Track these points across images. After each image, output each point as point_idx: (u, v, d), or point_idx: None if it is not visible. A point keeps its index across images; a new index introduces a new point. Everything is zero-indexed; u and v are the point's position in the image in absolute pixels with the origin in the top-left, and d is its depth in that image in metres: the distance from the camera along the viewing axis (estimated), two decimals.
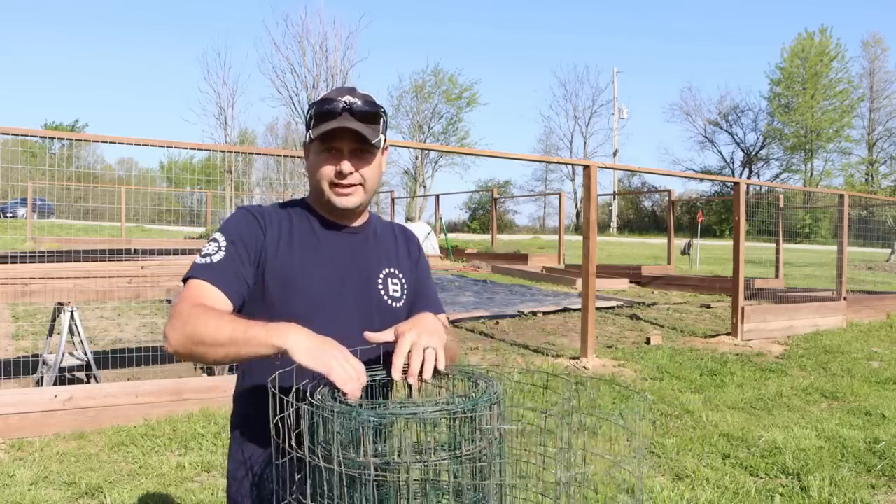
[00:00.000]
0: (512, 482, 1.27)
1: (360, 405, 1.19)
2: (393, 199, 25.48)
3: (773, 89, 49.78)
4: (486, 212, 46.24)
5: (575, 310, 9.50)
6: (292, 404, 1.20)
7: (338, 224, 1.63)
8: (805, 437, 4.88)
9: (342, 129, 1.51)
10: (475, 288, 12.40)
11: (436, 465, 1.18)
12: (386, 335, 1.41)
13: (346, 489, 1.15)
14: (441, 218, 21.40)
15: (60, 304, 5.56)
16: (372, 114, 1.54)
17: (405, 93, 49.20)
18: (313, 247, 1.58)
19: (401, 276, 1.69)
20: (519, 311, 9.35)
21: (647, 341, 7.97)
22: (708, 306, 10.90)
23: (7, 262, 9.03)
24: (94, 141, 5.77)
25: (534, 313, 9.34)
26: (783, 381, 6.60)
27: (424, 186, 48.47)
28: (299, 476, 1.24)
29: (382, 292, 1.63)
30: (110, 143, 5.25)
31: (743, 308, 8.43)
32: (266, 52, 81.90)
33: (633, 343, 7.97)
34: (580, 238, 7.57)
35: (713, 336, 8.52)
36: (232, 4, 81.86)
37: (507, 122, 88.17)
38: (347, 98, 1.53)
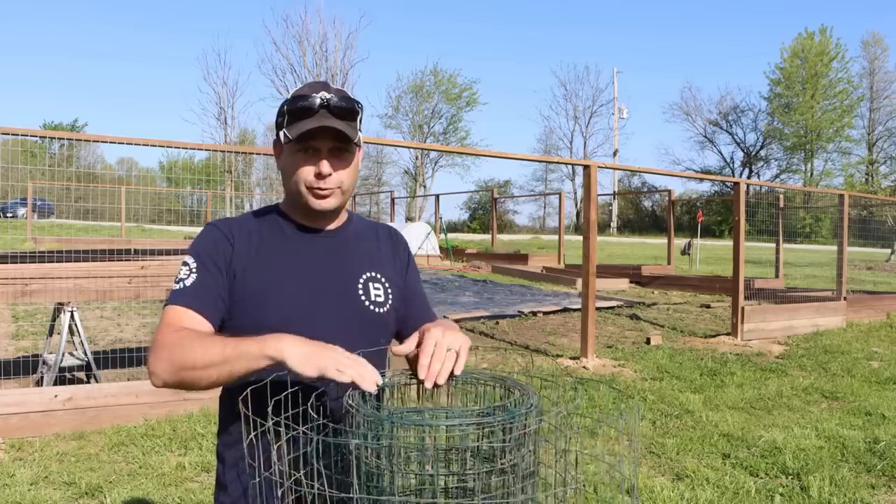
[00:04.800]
0: (543, 493, 1.23)
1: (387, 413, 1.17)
2: (393, 199, 25.49)
3: (772, 89, 49.81)
4: (486, 212, 46.24)
5: (575, 310, 9.50)
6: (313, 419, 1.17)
7: (313, 228, 1.55)
8: (805, 437, 4.88)
9: (322, 128, 1.43)
10: (475, 288, 12.40)
11: (468, 477, 1.15)
12: (410, 343, 1.37)
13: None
14: (441, 218, 21.41)
15: (60, 304, 5.56)
16: (350, 110, 1.46)
17: (405, 93, 49.25)
18: (286, 255, 1.51)
19: (383, 279, 1.59)
20: (519, 311, 9.35)
21: (647, 341, 7.97)
22: (708, 306, 10.90)
23: (7, 262, 9.03)
24: (94, 141, 5.77)
25: (534, 313, 9.34)
26: (783, 381, 6.60)
27: (424, 186, 48.47)
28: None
29: (363, 297, 1.54)
30: (110, 143, 5.25)
31: (743, 308, 8.43)
32: (266, 52, 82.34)
33: (633, 343, 7.97)
34: (580, 238, 7.57)
35: (713, 336, 8.52)
36: (232, 4, 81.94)
37: (507, 122, 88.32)
38: (323, 94, 1.45)
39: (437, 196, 22.23)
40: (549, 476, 1.22)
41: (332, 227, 1.58)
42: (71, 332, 5.48)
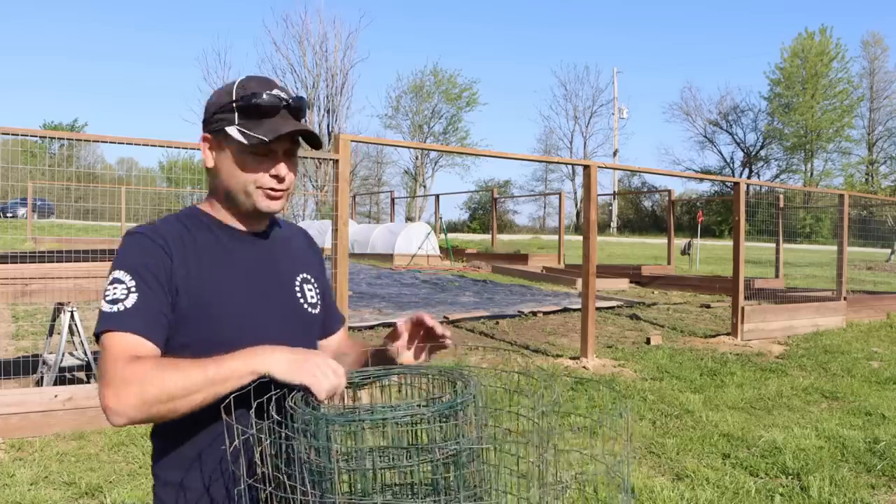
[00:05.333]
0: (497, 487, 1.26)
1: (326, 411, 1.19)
2: (393, 199, 25.51)
3: (772, 89, 49.81)
4: (486, 212, 46.24)
5: (575, 310, 9.50)
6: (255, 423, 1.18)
7: (245, 231, 1.46)
8: (805, 437, 4.88)
9: (293, 132, 1.37)
10: (475, 288, 12.40)
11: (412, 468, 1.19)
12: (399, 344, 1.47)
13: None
14: (441, 218, 21.41)
15: (60, 304, 5.56)
16: (303, 111, 1.41)
17: (404, 93, 49.26)
18: (226, 262, 1.42)
19: (312, 279, 1.56)
20: (519, 311, 9.35)
21: (647, 341, 7.97)
22: (708, 306, 10.90)
23: (7, 262, 9.03)
24: (94, 141, 5.77)
25: (534, 313, 9.34)
26: (783, 381, 6.60)
27: (424, 187, 48.47)
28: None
29: (301, 300, 1.51)
30: (110, 143, 5.25)
31: (743, 308, 8.43)
32: (266, 52, 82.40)
33: (633, 343, 7.97)
34: (580, 238, 7.57)
35: (713, 336, 8.52)
36: (232, 4, 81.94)
37: (507, 122, 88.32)
38: (278, 93, 1.38)
39: (437, 196, 22.25)
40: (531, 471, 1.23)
41: (262, 229, 1.50)
42: (71, 332, 5.48)
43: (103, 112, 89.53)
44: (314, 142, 1.44)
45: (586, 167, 7.23)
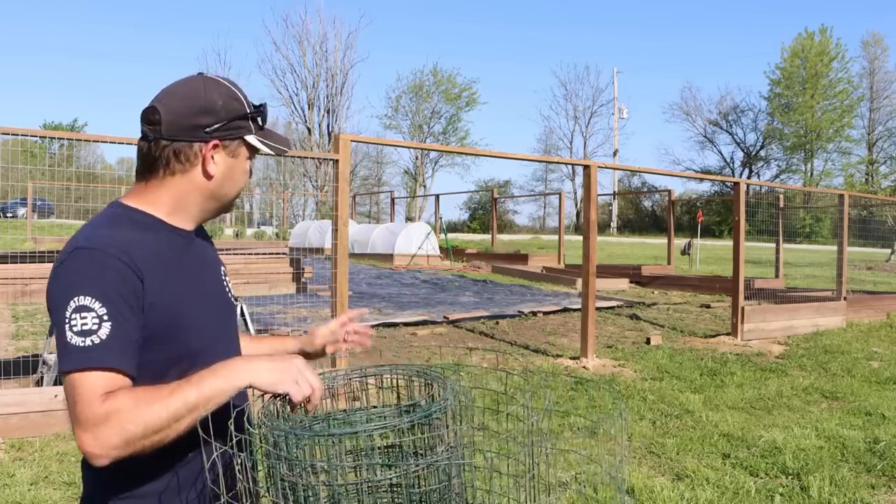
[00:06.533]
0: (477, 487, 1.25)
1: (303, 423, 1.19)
2: (393, 199, 25.52)
3: (772, 89, 49.82)
4: (486, 212, 46.25)
5: (575, 310, 9.50)
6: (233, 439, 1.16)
7: (178, 230, 1.39)
8: (805, 437, 4.88)
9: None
10: (475, 288, 12.40)
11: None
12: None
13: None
14: (441, 218, 21.41)
15: None
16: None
17: (404, 93, 49.25)
18: (178, 268, 1.35)
19: (223, 269, 1.55)
20: (519, 311, 9.35)
21: (647, 341, 7.97)
22: (708, 306, 10.90)
23: (7, 262, 9.04)
24: (94, 141, 5.77)
25: (534, 313, 9.34)
26: (783, 381, 6.60)
27: (424, 186, 48.48)
28: None
29: (230, 293, 1.52)
30: (110, 143, 5.25)
31: (743, 308, 8.43)
32: (266, 52, 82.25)
33: (633, 343, 7.97)
34: (580, 238, 7.57)
35: (713, 336, 8.52)
36: (232, 4, 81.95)
37: (507, 122, 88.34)
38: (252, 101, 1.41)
39: (437, 196, 22.26)
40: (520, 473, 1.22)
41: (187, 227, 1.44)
42: None
43: (103, 112, 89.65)
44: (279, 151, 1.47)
45: (586, 167, 7.23)
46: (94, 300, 1.18)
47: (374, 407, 1.43)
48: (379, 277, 13.70)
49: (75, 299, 1.17)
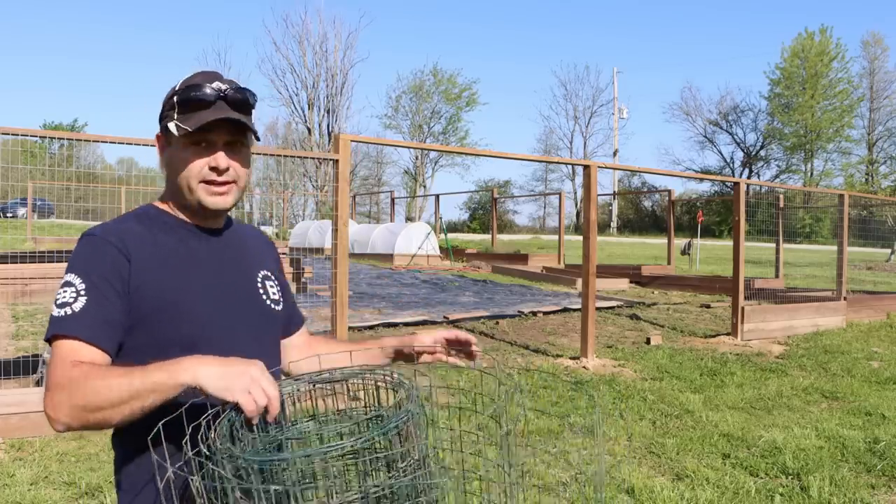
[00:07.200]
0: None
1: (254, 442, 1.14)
2: (393, 199, 25.51)
3: (772, 89, 49.83)
4: (486, 212, 46.23)
5: (575, 310, 9.50)
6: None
7: (204, 229, 1.44)
8: (805, 437, 4.88)
9: (222, 120, 1.33)
10: (475, 288, 12.40)
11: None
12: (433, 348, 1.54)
13: None
14: (441, 218, 21.41)
15: None
16: (246, 102, 1.37)
17: (404, 93, 49.24)
18: (186, 260, 1.38)
19: (273, 277, 1.55)
20: (519, 311, 9.35)
21: (647, 341, 7.97)
22: (708, 306, 10.90)
23: (7, 262, 9.04)
24: (94, 141, 5.78)
25: (534, 313, 9.34)
26: (783, 381, 6.60)
27: (424, 186, 48.47)
28: None
29: (264, 297, 1.49)
30: (110, 143, 5.25)
31: (743, 308, 8.43)
32: (266, 52, 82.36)
33: (633, 343, 7.97)
34: (580, 238, 7.57)
35: (713, 336, 8.52)
36: (232, 4, 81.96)
37: (507, 122, 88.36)
38: (218, 84, 1.34)
39: (437, 196, 22.25)
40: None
41: (220, 226, 1.47)
42: None
43: (103, 112, 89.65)
44: (241, 131, 1.38)
45: (586, 167, 7.23)
46: (76, 276, 1.27)
47: (342, 411, 1.38)
48: (379, 277, 13.70)
49: (65, 276, 1.28)
